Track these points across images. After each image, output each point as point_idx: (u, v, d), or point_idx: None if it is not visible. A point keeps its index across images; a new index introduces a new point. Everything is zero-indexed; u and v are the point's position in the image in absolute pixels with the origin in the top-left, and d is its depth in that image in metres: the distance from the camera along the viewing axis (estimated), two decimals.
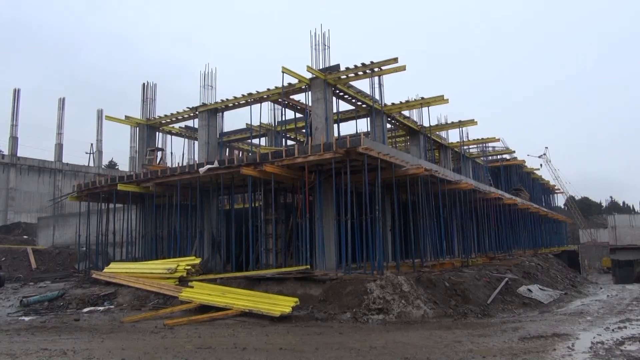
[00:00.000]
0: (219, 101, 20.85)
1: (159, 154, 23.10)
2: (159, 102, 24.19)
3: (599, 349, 7.99)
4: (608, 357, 7.44)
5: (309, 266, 14.63)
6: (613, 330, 9.90)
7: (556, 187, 52.12)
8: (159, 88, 24.04)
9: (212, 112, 21.12)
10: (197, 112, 21.50)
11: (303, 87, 18.08)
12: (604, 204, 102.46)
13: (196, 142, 23.00)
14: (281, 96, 18.63)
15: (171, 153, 25.71)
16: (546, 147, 71.27)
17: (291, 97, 19.81)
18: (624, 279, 33.86)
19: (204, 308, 12.41)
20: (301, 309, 12.11)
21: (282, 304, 11.90)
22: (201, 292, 13.20)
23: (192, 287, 13.72)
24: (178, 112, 22.68)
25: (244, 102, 20.27)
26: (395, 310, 11.69)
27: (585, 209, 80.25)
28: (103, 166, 53.16)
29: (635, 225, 58.79)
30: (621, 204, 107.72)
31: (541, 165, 59.08)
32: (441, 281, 13.59)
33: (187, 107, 22.05)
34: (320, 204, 15.45)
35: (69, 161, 48.64)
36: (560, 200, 60.09)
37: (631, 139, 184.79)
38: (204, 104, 21.15)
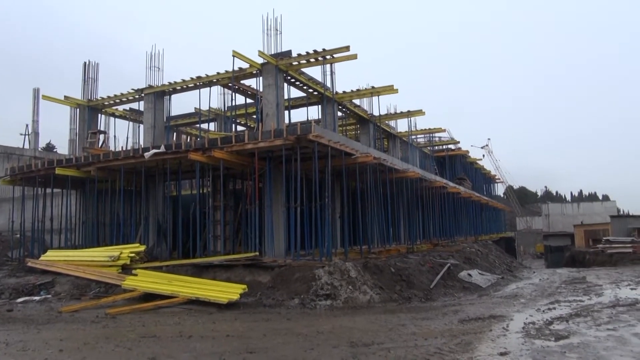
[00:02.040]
0: (166, 83, 20.18)
1: (101, 137, 22.10)
2: (101, 83, 23.08)
3: (530, 329, 8.53)
4: (538, 336, 7.96)
5: (257, 253, 14.58)
6: (543, 311, 10.59)
7: (497, 177, 54.66)
8: (101, 68, 22.94)
9: (158, 94, 20.41)
10: (142, 95, 20.71)
11: (254, 72, 17.82)
12: (539, 194, 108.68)
13: (141, 126, 22.21)
14: (231, 81, 18.27)
15: (114, 136, 24.60)
16: (488, 139, 74.57)
17: (242, 82, 19.47)
18: (555, 263, 36.27)
19: (148, 296, 12.11)
20: (249, 296, 12.09)
21: (230, 291, 11.82)
22: (146, 280, 12.86)
23: (136, 275, 13.32)
24: (122, 94, 21.76)
25: (192, 85, 19.73)
26: (342, 295, 11.91)
27: (522, 197, 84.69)
28: (40, 149, 50.14)
29: (566, 214, 62.94)
30: (554, 194, 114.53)
31: (483, 155, 61.82)
32: (387, 267, 13.96)
33: (132, 89, 21.19)
34: (269, 190, 15.39)
35: (0, 142, 45.55)
36: (500, 190, 63.07)
37: (565, 132, 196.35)
38: (150, 86, 20.40)
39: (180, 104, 30.82)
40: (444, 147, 36.70)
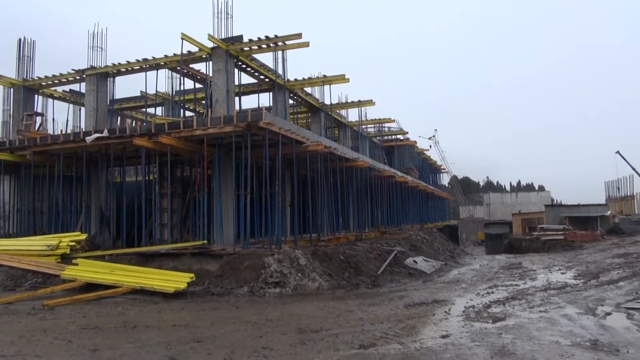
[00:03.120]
0: (110, 65, 19.25)
1: (38, 119, 20.84)
2: (38, 62, 21.66)
3: (470, 312, 8.96)
4: (477, 318, 8.39)
5: (206, 241, 14.39)
6: (483, 295, 11.15)
7: (442, 167, 56.55)
8: (38, 46, 21.55)
9: (101, 76, 19.46)
10: (84, 76, 19.68)
11: (204, 56, 17.36)
12: (481, 184, 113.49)
13: (83, 109, 21.10)
14: (180, 64, 17.72)
15: (53, 119, 23.25)
16: (435, 130, 76.66)
17: (191, 66, 18.93)
18: (495, 250, 38.11)
19: (90, 287, 11.64)
20: (197, 285, 11.92)
21: (176, 280, 11.60)
22: (87, 270, 12.35)
23: (77, 264, 12.75)
24: (62, 74, 20.58)
25: (138, 67, 18.95)
26: (291, 283, 11.99)
27: (466, 187, 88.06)
28: None
29: (505, 203, 66.18)
30: (495, 184, 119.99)
31: (430, 146, 63.68)
32: (336, 254, 14.17)
33: (73, 69, 20.10)
34: (219, 178, 15.15)
35: None
36: (445, 179, 65.38)
37: (507, 127, 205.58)
38: (92, 67, 19.40)
39: (126, 87, 29.64)
40: (393, 137, 37.47)
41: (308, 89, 23.66)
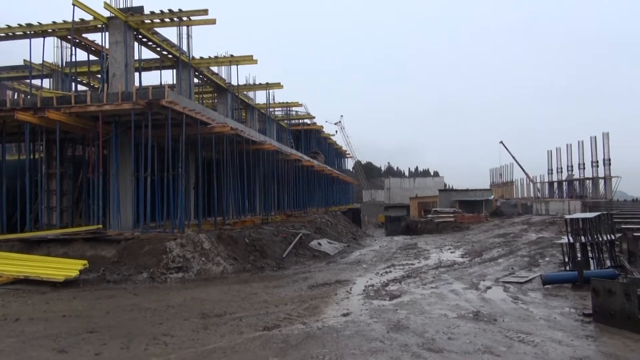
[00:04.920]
0: None
1: None
2: None
3: (369, 291, 9.46)
4: (376, 296, 8.88)
5: (101, 226, 13.51)
6: (381, 274, 11.80)
7: (347, 152, 58.31)
8: None
9: None
10: None
11: (99, 26, 15.98)
12: (382, 169, 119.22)
13: None
14: (71, 33, 16.17)
15: None
16: (341, 116, 78.76)
17: (84, 35, 17.37)
18: (394, 232, 40.41)
19: None
20: (91, 272, 11.18)
21: (67, 268, 10.77)
22: None
23: None
24: None
25: (21, 33, 16.98)
26: (195, 268, 11.72)
27: (369, 172, 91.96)
28: None
29: (404, 187, 70.10)
30: (395, 169, 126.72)
31: (336, 131, 65.29)
32: (242, 238, 14.08)
33: None
34: (116, 158, 14.22)
35: None
36: (349, 164, 67.54)
37: (408, 114, 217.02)
38: None
39: (6, 55, 26.38)
40: (300, 121, 37.77)
41: (215, 69, 22.94)
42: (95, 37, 17.44)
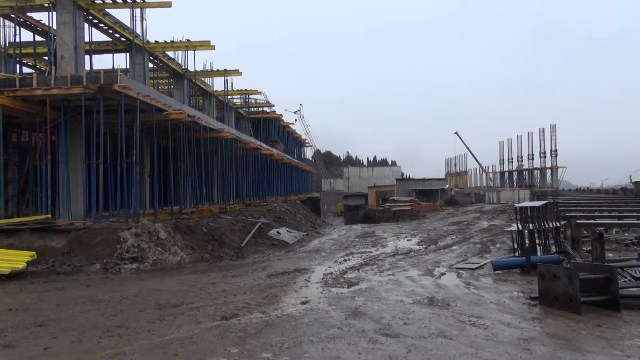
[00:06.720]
0: None
1: None
2: None
3: (328, 279, 9.56)
4: (334, 284, 8.99)
5: (49, 215, 12.94)
6: (340, 262, 11.94)
7: (306, 141, 58.27)
8: None
9: None
10: None
11: (46, 4, 15.19)
12: (342, 158, 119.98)
13: None
14: (14, 11, 15.25)
15: None
16: (301, 104, 78.20)
17: (30, 14, 16.43)
18: (352, 220, 40.89)
19: None
20: (40, 264, 10.73)
21: (13, 260, 10.27)
22: None
23: None
24: None
25: None
26: (150, 258, 11.46)
27: (328, 161, 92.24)
28: None
29: (363, 176, 70.92)
30: (354, 158, 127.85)
31: (296, 120, 64.89)
32: (199, 227, 13.86)
33: None
34: (65, 145, 13.61)
35: None
36: (309, 153, 67.41)
37: (365, 105, 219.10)
38: None
39: None
40: (260, 109, 37.38)
41: (171, 54, 22.31)
42: (42, 16, 16.57)
